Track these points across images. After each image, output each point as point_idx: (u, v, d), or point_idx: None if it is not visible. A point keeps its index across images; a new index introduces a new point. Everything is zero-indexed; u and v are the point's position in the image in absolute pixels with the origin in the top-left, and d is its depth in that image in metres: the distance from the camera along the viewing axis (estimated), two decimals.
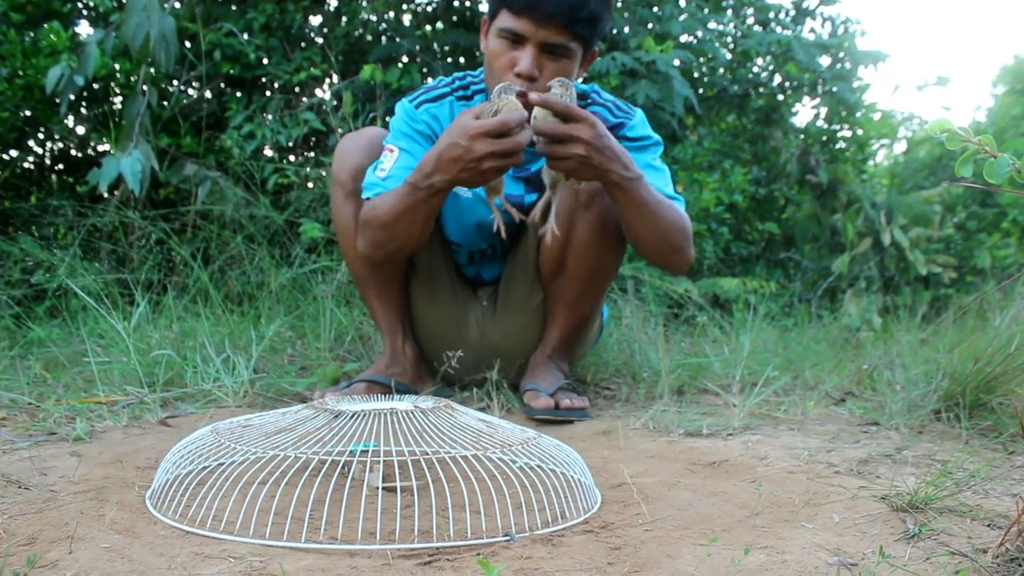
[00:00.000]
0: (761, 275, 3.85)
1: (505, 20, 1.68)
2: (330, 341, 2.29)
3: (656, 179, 1.81)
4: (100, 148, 3.74)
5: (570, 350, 2.03)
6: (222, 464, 1.12)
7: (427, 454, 1.05)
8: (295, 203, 2.98)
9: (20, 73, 3.10)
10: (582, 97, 1.84)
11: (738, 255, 4.07)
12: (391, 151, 1.82)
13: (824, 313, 3.73)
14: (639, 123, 1.87)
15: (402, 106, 1.88)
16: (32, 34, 3.23)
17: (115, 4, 3.48)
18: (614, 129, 1.78)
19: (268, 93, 3.51)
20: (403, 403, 1.19)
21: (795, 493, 1.23)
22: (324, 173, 3.15)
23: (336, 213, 1.94)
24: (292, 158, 3.39)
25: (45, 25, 3.34)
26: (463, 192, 1.88)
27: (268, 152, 3.38)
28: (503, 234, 1.67)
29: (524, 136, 1.54)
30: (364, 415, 1.09)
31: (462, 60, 3.81)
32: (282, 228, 2.91)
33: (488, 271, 2.05)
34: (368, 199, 1.79)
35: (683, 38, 3.68)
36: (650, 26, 3.63)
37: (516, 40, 1.68)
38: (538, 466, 1.13)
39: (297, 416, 1.14)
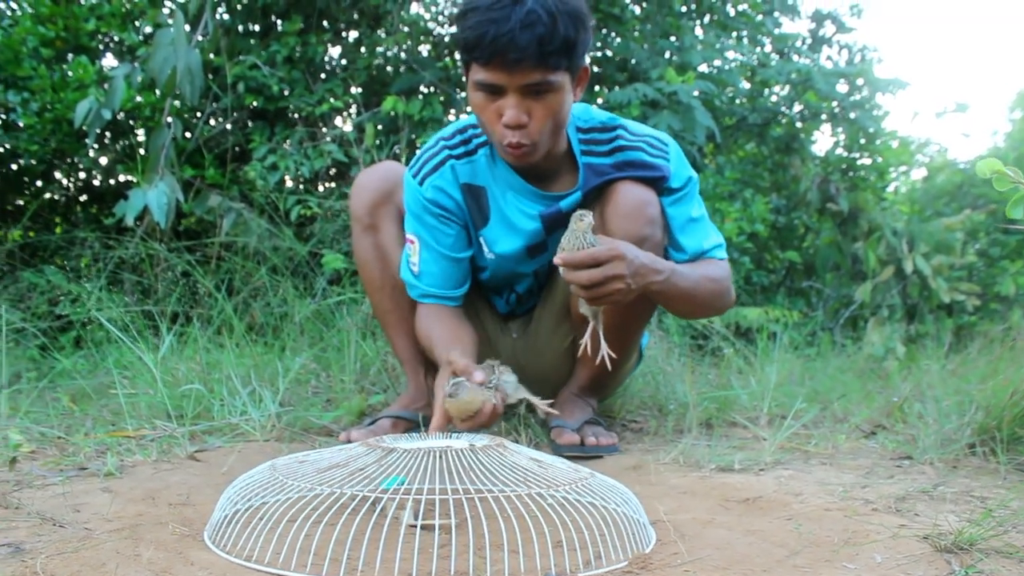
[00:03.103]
0: (783, 304, 3.83)
1: (478, 73, 1.58)
2: (355, 373, 2.29)
3: (697, 233, 1.78)
4: (122, 179, 3.79)
5: (601, 388, 2.02)
6: (274, 500, 1.12)
7: (469, 492, 1.04)
8: (319, 234, 3.00)
9: (49, 107, 3.14)
10: (609, 129, 1.77)
11: (759, 284, 4.06)
12: (412, 242, 1.82)
13: (847, 342, 3.70)
14: (676, 161, 1.77)
15: (408, 183, 1.83)
16: (62, 67, 3.28)
17: (142, 38, 3.53)
18: (657, 182, 1.73)
19: (293, 127, 3.54)
20: (457, 441, 1.19)
21: (833, 532, 1.21)
22: (347, 205, 3.16)
23: (355, 248, 1.94)
24: (320, 188, 3.42)
25: (71, 58, 3.40)
26: (487, 254, 1.86)
27: (289, 183, 3.40)
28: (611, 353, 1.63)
29: (484, 419, 1.51)
30: (417, 453, 1.09)
31: None
32: (305, 259, 2.92)
33: (521, 306, 2.04)
34: (417, 301, 1.85)
35: (703, 68, 3.69)
36: (668, 55, 3.65)
37: (495, 91, 1.58)
38: (595, 504, 1.12)
39: (351, 453, 1.14)
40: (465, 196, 1.79)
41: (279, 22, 3.82)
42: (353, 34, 4.02)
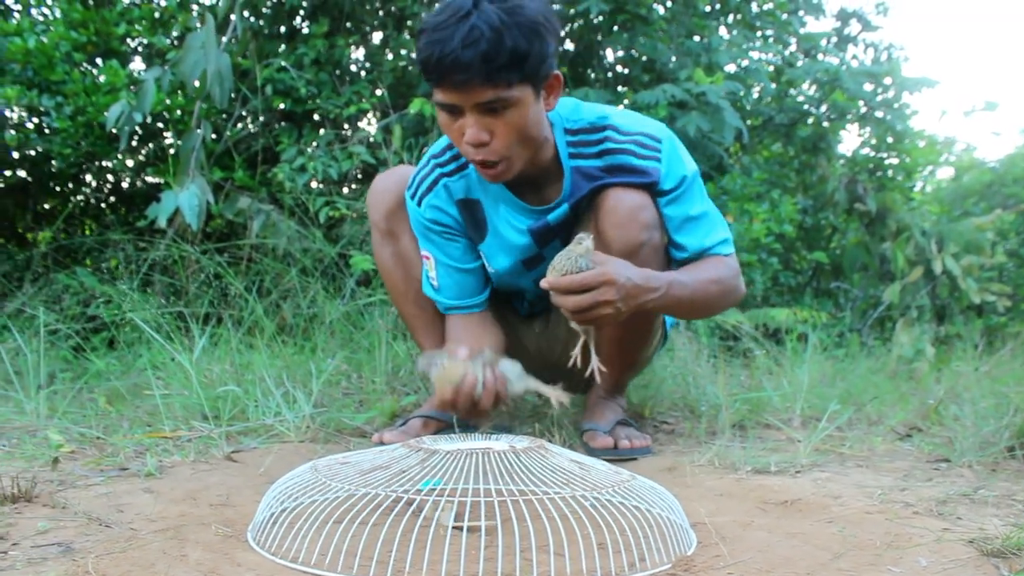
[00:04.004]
0: (810, 305, 3.81)
1: (436, 94, 1.52)
2: (386, 374, 2.30)
3: (698, 231, 1.71)
4: (150, 181, 3.83)
5: (624, 385, 2.02)
6: (317, 501, 1.13)
7: (512, 494, 1.05)
8: (347, 236, 3.01)
9: (81, 111, 3.18)
10: (598, 130, 1.69)
11: (786, 285, 4.03)
12: (427, 259, 1.83)
13: (875, 344, 3.67)
14: (669, 160, 1.68)
15: (408, 205, 1.82)
16: (94, 71, 3.32)
17: (171, 42, 3.56)
18: (648, 187, 1.67)
19: (320, 130, 3.56)
20: (498, 443, 1.20)
21: (875, 535, 1.21)
22: None
23: (376, 255, 1.94)
24: (347, 190, 3.44)
25: (100, 62, 3.44)
26: (489, 269, 1.86)
27: (315, 185, 3.42)
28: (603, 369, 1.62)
29: (464, 397, 1.49)
30: (458, 454, 1.10)
31: None
32: (334, 261, 2.93)
33: (537, 307, 2.03)
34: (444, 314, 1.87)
35: (730, 68, 3.68)
36: (695, 56, 3.63)
37: (453, 111, 1.53)
38: (636, 507, 1.12)
39: (393, 455, 1.15)
40: (461, 212, 1.78)
41: (304, 25, 3.85)
42: (378, 36, 4.04)
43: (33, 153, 3.40)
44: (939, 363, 3.07)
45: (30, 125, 3.33)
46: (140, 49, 3.77)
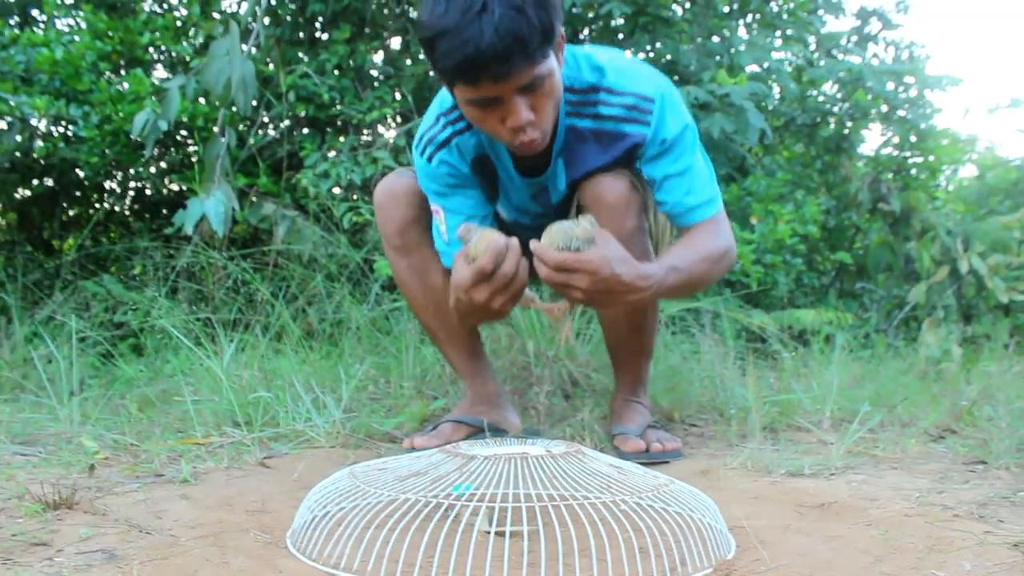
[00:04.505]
0: (835, 305, 3.78)
1: (468, 92, 1.48)
2: (414, 379, 2.30)
3: (677, 189, 1.67)
4: (175, 188, 3.86)
5: (646, 376, 2.01)
6: (355, 507, 1.13)
7: (553, 499, 1.04)
8: (372, 241, 3.02)
9: (107, 119, 3.21)
10: (593, 91, 1.66)
11: (810, 285, 4.01)
12: (437, 212, 1.79)
13: (901, 344, 3.64)
14: (658, 124, 1.64)
15: (417, 163, 1.79)
16: (119, 80, 3.35)
17: (193, 50, 3.59)
18: (632, 150, 1.66)
19: (342, 137, 3.57)
20: (534, 447, 1.20)
21: (916, 538, 1.20)
22: None
23: (393, 268, 1.92)
24: (369, 195, 3.44)
25: (123, 70, 3.47)
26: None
27: (338, 190, 3.43)
28: (571, 340, 1.62)
29: (510, 265, 1.40)
30: (495, 459, 1.10)
31: None
32: (359, 266, 2.94)
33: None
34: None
35: (752, 68, 3.66)
36: (717, 57, 3.62)
37: (491, 103, 1.49)
38: (676, 512, 1.12)
39: (430, 460, 1.15)
40: (474, 170, 1.76)
41: (326, 31, 3.86)
42: (397, 40, 4.05)
43: (58, 161, 3.43)
44: (967, 363, 3.04)
45: (57, 134, 3.36)
46: (162, 57, 3.80)
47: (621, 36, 3.79)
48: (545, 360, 2.32)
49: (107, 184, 3.87)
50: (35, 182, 3.66)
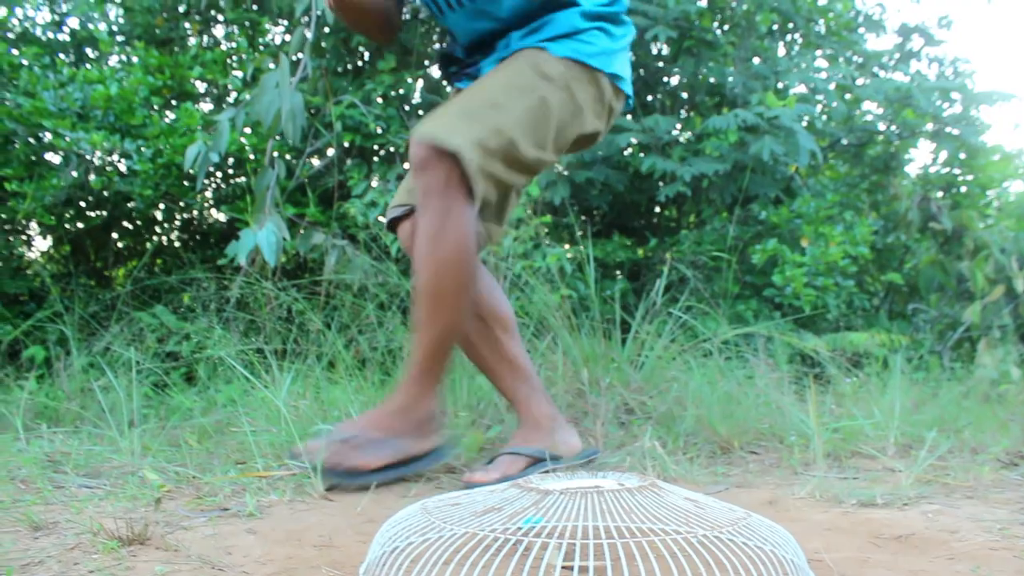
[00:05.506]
0: (887, 327, 3.71)
1: None
2: (469, 408, 2.30)
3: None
4: (224, 219, 3.91)
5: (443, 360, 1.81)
6: (427, 540, 1.12)
7: (634, 533, 1.03)
8: None
9: (160, 152, 3.27)
10: None
11: (860, 307, 3.95)
12: None
13: (956, 365, 3.57)
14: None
15: None
16: (171, 114, 3.42)
17: (243, 82, 3.65)
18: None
19: (391, 164, 3.60)
20: (607, 481, 1.18)
21: (1006, 573, 1.16)
22: None
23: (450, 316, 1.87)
24: None
25: (174, 103, 3.54)
26: None
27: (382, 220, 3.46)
28: None
29: None
30: (570, 494, 1.08)
31: None
32: (409, 294, 2.95)
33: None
34: None
35: (797, 89, 3.63)
36: (764, 79, 3.60)
37: None
38: (757, 546, 1.09)
39: (504, 495, 1.14)
40: None
41: (369, 62, 3.91)
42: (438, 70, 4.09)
43: (112, 195, 3.50)
44: None
45: (111, 168, 3.43)
46: (211, 91, 3.87)
47: (662, 62, 3.78)
48: (600, 388, 2.30)
49: (157, 215, 3.94)
50: (91, 214, 3.73)
